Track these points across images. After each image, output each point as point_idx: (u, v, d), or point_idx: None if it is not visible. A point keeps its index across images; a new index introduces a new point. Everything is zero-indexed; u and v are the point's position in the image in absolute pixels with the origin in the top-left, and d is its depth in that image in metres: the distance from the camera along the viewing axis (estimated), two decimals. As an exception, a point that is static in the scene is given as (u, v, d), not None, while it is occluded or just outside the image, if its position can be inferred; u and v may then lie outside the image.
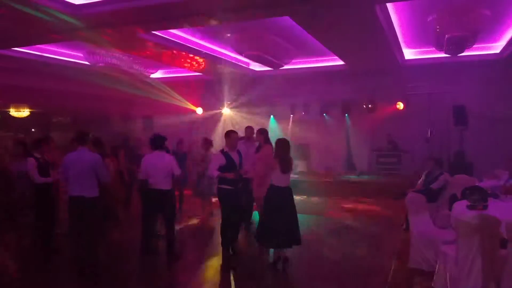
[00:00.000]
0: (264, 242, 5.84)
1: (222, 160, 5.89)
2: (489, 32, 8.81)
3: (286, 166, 5.53)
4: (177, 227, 6.72)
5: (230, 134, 6.11)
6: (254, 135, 7.39)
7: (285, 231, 5.51)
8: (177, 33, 8.90)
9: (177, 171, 6.05)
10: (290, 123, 13.69)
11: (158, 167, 5.92)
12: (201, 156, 8.62)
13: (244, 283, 5.39)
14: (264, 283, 5.34)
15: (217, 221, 8.26)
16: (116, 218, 7.21)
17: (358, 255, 6.32)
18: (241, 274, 5.64)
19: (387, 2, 7.06)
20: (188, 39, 9.31)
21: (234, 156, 5.98)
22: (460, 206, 4.66)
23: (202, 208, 8.95)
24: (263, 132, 7.06)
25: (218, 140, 11.19)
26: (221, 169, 5.84)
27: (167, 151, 6.72)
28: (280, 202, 5.55)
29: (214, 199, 9.33)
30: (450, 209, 5.11)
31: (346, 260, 6.07)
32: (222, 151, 6.06)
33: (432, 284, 4.50)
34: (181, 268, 5.89)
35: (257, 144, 7.33)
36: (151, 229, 6.26)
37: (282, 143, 5.64)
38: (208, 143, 8.71)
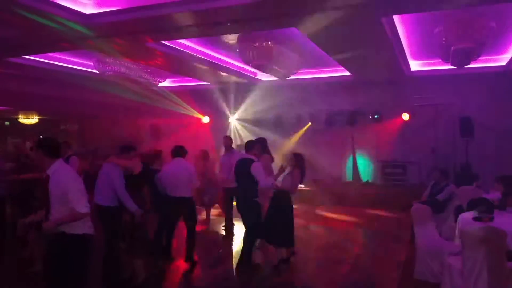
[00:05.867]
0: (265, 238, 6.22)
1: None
2: (495, 44, 8.83)
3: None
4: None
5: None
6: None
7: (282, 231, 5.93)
8: (185, 43, 9.00)
9: (196, 183, 6.14)
10: (296, 133, 13.71)
11: (178, 175, 5.98)
12: (203, 167, 8.72)
13: None
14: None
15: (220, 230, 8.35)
16: None
17: (363, 266, 6.32)
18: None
19: (394, 14, 7.13)
20: (196, 49, 9.41)
21: None
22: (466, 218, 4.67)
23: (207, 217, 9.08)
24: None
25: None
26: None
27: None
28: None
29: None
30: (456, 221, 5.11)
31: (350, 271, 6.06)
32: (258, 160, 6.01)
33: (438, 296, 4.49)
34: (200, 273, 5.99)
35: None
36: (172, 234, 6.34)
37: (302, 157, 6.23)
38: (206, 155, 8.86)
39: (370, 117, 12.55)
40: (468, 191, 7.05)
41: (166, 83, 13.03)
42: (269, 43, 8.56)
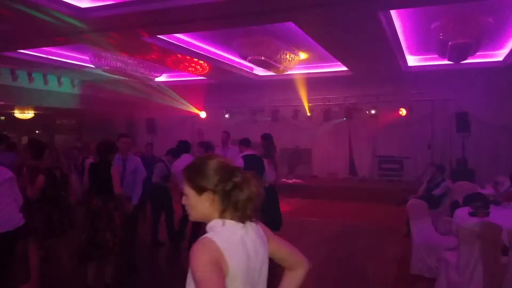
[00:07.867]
0: None
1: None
2: (492, 39, 8.82)
3: None
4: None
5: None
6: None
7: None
8: (182, 37, 8.96)
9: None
10: (293, 128, 13.70)
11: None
12: None
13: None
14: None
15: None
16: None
17: (359, 261, 6.32)
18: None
19: (391, 9, 7.11)
20: (192, 43, 9.37)
21: None
22: (462, 213, 4.68)
23: None
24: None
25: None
26: None
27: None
28: None
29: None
30: (451, 216, 5.12)
31: (346, 265, 6.07)
32: None
33: (433, 291, 4.49)
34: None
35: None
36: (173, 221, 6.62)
37: None
38: (211, 146, 8.67)
39: (367, 112, 12.56)
40: (464, 187, 7.08)
41: (162, 78, 12.98)
42: (266, 38, 8.54)
